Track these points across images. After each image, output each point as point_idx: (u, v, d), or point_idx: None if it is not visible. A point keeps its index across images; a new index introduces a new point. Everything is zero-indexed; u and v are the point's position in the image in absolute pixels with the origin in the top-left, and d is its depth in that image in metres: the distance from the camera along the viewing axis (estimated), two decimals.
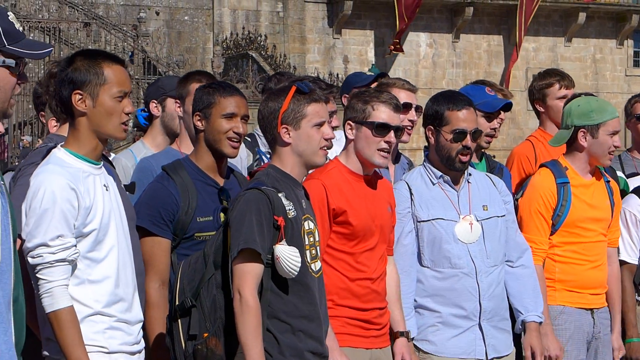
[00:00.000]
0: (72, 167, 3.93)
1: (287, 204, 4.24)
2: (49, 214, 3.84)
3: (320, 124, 4.36)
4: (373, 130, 4.81)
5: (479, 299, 5.15)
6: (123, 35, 31.94)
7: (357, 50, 35.41)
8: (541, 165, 5.73)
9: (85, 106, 3.94)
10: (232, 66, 32.48)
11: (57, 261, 3.84)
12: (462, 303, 5.13)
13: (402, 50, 33.94)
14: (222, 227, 4.36)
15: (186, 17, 36.05)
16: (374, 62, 34.61)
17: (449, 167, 5.19)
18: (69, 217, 3.86)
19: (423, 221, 5.14)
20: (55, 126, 5.16)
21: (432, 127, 5.21)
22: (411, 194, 5.16)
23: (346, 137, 4.91)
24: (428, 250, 5.14)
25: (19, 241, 3.60)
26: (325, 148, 4.39)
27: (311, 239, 4.36)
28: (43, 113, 5.11)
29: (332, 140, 4.44)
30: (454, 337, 5.14)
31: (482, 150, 5.95)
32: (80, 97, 3.94)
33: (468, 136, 5.15)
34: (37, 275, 3.85)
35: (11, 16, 3.19)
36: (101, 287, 3.97)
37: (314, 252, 4.37)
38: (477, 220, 5.20)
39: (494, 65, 36.50)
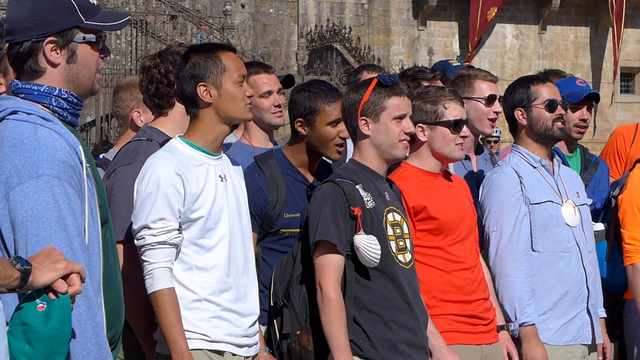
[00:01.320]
0: (183, 155, 4.01)
1: (365, 195, 4.29)
2: (152, 197, 3.92)
3: (401, 117, 4.38)
4: (451, 128, 4.79)
5: (586, 284, 5.13)
6: (209, 28, 32.17)
7: (442, 42, 35.21)
8: (638, 161, 5.65)
9: (211, 96, 4.03)
10: (316, 58, 32.53)
11: (158, 243, 3.91)
12: (573, 288, 5.12)
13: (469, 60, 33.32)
14: (304, 224, 4.41)
15: (271, 10, 36.19)
16: (459, 54, 34.39)
17: (548, 138, 5.19)
18: (173, 201, 3.92)
19: (535, 204, 5.12)
20: (138, 117, 5.24)
21: (521, 109, 5.22)
22: (520, 177, 5.14)
23: (416, 139, 4.87)
24: (540, 234, 5.11)
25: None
26: (406, 142, 4.41)
27: (397, 231, 4.37)
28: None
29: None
30: (564, 324, 5.11)
31: (576, 142, 5.92)
32: (204, 88, 4.03)
33: (559, 105, 5.17)
34: (141, 257, 3.95)
35: None
36: (209, 275, 4.01)
37: (401, 243, 4.37)
38: (575, 206, 5.19)
39: (581, 57, 36.00)
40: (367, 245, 4.19)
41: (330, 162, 4.98)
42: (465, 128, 4.86)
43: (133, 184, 4.03)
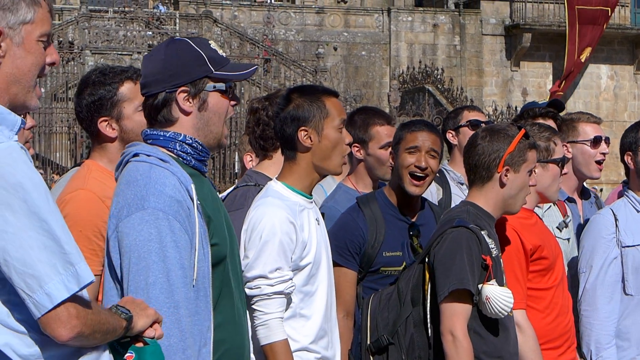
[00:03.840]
0: (289, 201, 3.95)
1: (490, 242, 4.20)
2: (269, 246, 3.85)
3: (531, 172, 4.33)
4: (560, 166, 4.75)
5: None
6: (302, 71, 32.45)
7: (536, 82, 34.99)
8: None
9: (311, 141, 3.96)
10: (408, 100, 32.57)
11: (275, 293, 3.84)
12: None
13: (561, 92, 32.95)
14: (419, 264, 4.35)
15: (363, 52, 36.37)
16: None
17: None
18: (287, 250, 3.87)
19: (628, 247, 5.02)
20: (250, 161, 5.23)
21: (630, 152, 5.13)
22: (616, 219, 5.05)
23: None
24: (632, 277, 5.01)
25: None
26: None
27: (504, 277, 4.32)
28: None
29: None
30: None
31: None
32: (305, 133, 3.95)
33: None
34: (254, 306, 3.85)
35: (213, 44, 3.34)
36: (311, 322, 3.97)
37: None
38: None
39: None
40: (500, 297, 4.09)
41: (436, 203, 4.93)
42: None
43: (241, 229, 4.01)
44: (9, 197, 2.39)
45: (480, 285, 4.11)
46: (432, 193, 5.79)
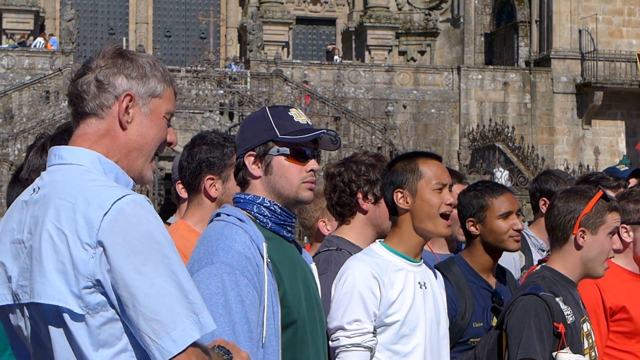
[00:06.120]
0: (381, 259, 4.02)
1: (565, 309, 4.15)
2: (347, 298, 3.94)
3: (613, 233, 4.28)
4: None
5: None
6: (371, 128, 32.53)
7: (608, 140, 34.70)
8: None
9: (407, 203, 4.04)
10: (478, 158, 32.46)
11: (353, 345, 3.90)
12: None
13: None
14: (495, 329, 4.33)
15: (433, 110, 36.38)
16: (625, 154, 33.80)
17: None
18: (369, 303, 3.93)
19: None
20: (324, 226, 5.23)
21: None
22: None
23: (622, 239, 4.78)
24: None
25: None
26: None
27: (590, 341, 4.26)
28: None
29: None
30: None
31: None
32: (401, 195, 4.05)
33: None
34: (336, 358, 3.93)
35: (292, 112, 3.43)
36: None
37: (593, 354, 4.26)
38: None
39: None
40: None
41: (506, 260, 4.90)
42: None
43: (327, 293, 4.04)
44: (140, 246, 2.47)
45: (554, 354, 4.07)
46: (515, 260, 5.75)
